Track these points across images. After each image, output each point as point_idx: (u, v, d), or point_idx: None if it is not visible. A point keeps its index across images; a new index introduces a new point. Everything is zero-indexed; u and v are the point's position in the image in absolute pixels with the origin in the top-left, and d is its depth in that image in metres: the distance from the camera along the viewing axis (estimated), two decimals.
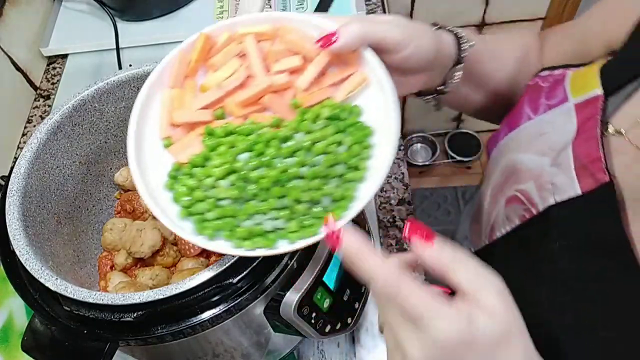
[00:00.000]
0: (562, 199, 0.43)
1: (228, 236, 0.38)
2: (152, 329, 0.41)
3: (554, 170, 0.45)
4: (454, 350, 0.32)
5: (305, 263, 0.45)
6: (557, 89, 0.48)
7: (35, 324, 0.43)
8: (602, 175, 0.40)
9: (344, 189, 0.39)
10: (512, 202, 0.49)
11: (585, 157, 0.42)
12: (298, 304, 0.44)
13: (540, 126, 0.48)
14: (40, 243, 0.46)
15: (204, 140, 0.41)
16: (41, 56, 0.98)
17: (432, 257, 0.33)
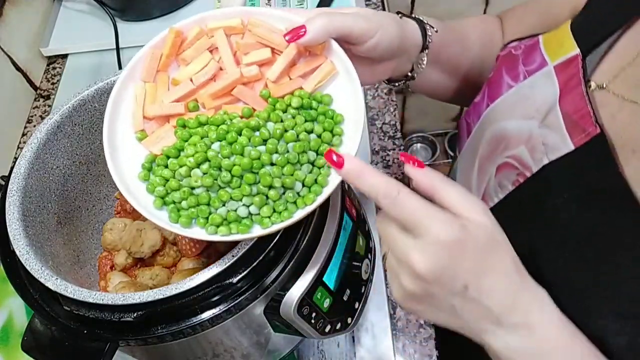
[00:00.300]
0: (556, 157, 0.45)
1: (203, 224, 0.39)
2: (152, 329, 0.41)
3: (543, 131, 0.47)
4: (451, 250, 0.34)
5: (305, 263, 0.45)
6: (533, 55, 0.50)
7: (35, 324, 0.43)
8: (593, 128, 0.42)
9: (314, 175, 0.40)
10: (503, 169, 0.51)
11: (574, 114, 0.44)
12: (298, 304, 0.44)
13: (522, 92, 0.50)
14: (40, 243, 0.46)
15: (177, 132, 0.43)
16: (41, 56, 0.98)
17: (424, 178, 0.36)
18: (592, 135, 0.42)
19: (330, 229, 0.47)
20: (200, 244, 0.53)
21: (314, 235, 0.46)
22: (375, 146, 0.81)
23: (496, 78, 0.54)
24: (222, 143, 0.41)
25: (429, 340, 0.65)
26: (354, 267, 0.51)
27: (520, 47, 0.52)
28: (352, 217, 0.51)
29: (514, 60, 0.52)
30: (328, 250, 0.46)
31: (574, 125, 0.44)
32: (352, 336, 0.65)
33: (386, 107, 0.86)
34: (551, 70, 0.47)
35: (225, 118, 0.42)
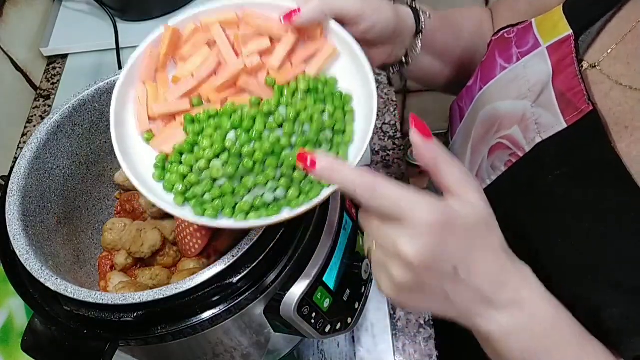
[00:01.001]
0: (549, 136, 0.45)
1: (230, 213, 0.39)
2: (152, 329, 0.41)
3: (536, 110, 0.47)
4: (438, 233, 0.34)
5: (305, 263, 0.45)
6: (526, 37, 0.51)
7: (35, 324, 0.43)
8: (586, 106, 0.43)
9: (335, 152, 0.40)
10: (496, 149, 0.51)
11: (567, 92, 0.45)
12: (298, 304, 0.44)
13: (516, 72, 0.51)
14: (40, 243, 0.46)
15: (187, 127, 0.42)
16: (41, 56, 0.98)
17: (428, 153, 0.36)
18: (585, 112, 0.43)
19: (330, 229, 0.47)
20: (200, 244, 0.53)
21: (314, 235, 0.46)
22: (375, 146, 0.81)
23: (489, 61, 0.54)
24: (238, 132, 0.40)
25: (429, 340, 0.65)
26: (354, 267, 0.51)
27: (513, 31, 0.53)
28: (352, 217, 0.51)
29: (507, 43, 0.53)
30: (328, 250, 0.46)
31: (567, 103, 0.45)
32: (352, 336, 0.65)
33: (386, 107, 0.86)
34: (544, 50, 0.48)
35: (236, 108, 0.42)
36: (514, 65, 0.51)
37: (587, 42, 0.47)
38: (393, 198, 0.34)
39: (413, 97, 1.63)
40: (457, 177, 0.36)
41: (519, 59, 0.50)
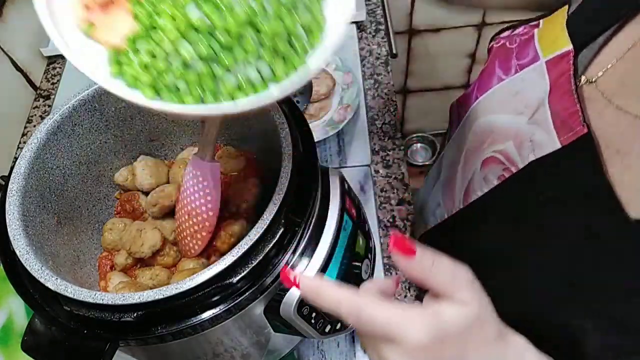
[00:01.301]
0: (542, 155, 0.44)
1: (213, 100, 0.34)
2: (152, 329, 0.41)
3: (532, 127, 0.46)
4: (432, 349, 0.33)
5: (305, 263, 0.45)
6: (527, 48, 0.49)
7: (35, 324, 0.43)
8: (581, 128, 0.42)
9: (313, 14, 0.36)
10: (489, 163, 0.50)
11: (562, 112, 0.44)
12: (298, 304, 0.44)
13: (513, 86, 0.49)
14: (40, 243, 0.46)
15: (136, 9, 0.35)
16: (41, 56, 0.98)
17: (414, 270, 0.35)
18: (579, 134, 0.42)
19: (330, 229, 0.47)
20: (200, 245, 0.53)
21: (314, 235, 0.46)
22: (375, 146, 0.81)
23: (488, 70, 0.53)
24: (202, 4, 0.34)
25: None
26: (354, 267, 0.51)
27: (515, 40, 0.52)
28: (352, 217, 0.51)
29: (507, 53, 0.52)
30: (328, 251, 0.46)
31: (562, 122, 0.44)
32: (352, 336, 0.65)
33: (386, 107, 0.86)
34: (543, 65, 0.47)
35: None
36: (511, 78, 0.50)
37: (589, 57, 0.45)
38: (381, 320, 0.33)
39: (413, 97, 1.63)
40: (445, 278, 0.35)
41: (517, 71, 0.50)
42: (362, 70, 0.89)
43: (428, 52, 1.46)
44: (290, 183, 0.44)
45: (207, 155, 0.50)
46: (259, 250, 0.42)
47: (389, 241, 0.35)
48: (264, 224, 0.41)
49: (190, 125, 0.60)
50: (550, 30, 0.48)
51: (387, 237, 0.73)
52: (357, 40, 0.93)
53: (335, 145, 0.81)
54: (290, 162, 0.45)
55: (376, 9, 0.98)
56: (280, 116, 0.48)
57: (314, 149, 0.48)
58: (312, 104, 0.82)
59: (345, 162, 0.79)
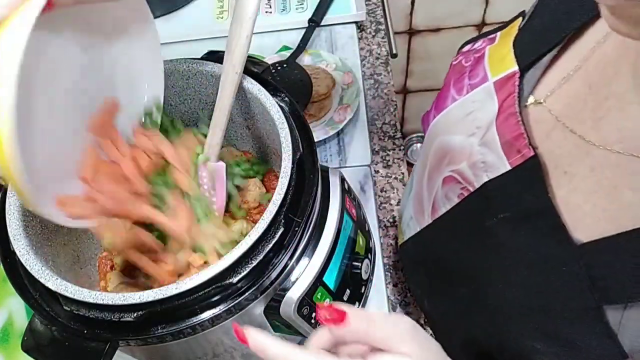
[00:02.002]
0: (495, 176, 0.45)
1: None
2: (152, 329, 0.41)
3: (483, 149, 0.46)
4: None
5: (305, 263, 0.45)
6: (478, 68, 0.50)
7: (35, 324, 0.43)
8: (527, 151, 0.42)
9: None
10: (448, 182, 0.51)
11: (508, 134, 0.44)
12: (298, 304, 0.44)
13: (465, 107, 0.50)
14: (40, 243, 0.46)
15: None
16: None
17: (349, 335, 0.35)
18: (526, 157, 0.42)
19: (330, 229, 0.47)
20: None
21: (314, 235, 0.46)
22: (375, 146, 0.81)
23: (445, 89, 0.54)
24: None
25: None
26: (354, 267, 0.51)
27: (469, 57, 0.52)
28: (352, 217, 0.51)
29: (461, 73, 0.52)
30: (328, 250, 0.46)
31: (510, 145, 0.44)
32: None
33: (386, 107, 0.86)
34: (491, 86, 0.47)
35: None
36: (464, 98, 0.50)
37: (537, 77, 0.45)
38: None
39: (413, 97, 1.63)
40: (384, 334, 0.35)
41: (469, 91, 0.50)
42: (362, 70, 0.89)
43: (428, 52, 1.46)
44: (290, 183, 0.44)
45: (212, 157, 0.51)
46: (259, 250, 0.42)
47: (317, 315, 0.36)
48: (264, 224, 0.41)
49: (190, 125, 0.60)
50: (500, 48, 0.49)
51: (387, 237, 0.73)
52: (357, 40, 0.93)
53: (335, 145, 0.81)
54: (290, 162, 0.45)
55: (376, 9, 0.98)
56: (280, 116, 0.48)
57: (314, 149, 0.48)
58: (312, 104, 0.82)
59: (345, 162, 0.79)
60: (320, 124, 0.81)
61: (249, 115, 0.55)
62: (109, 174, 0.46)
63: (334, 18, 0.93)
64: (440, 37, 1.42)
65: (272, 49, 0.91)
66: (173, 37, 0.95)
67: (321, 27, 0.93)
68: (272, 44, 0.92)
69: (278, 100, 0.50)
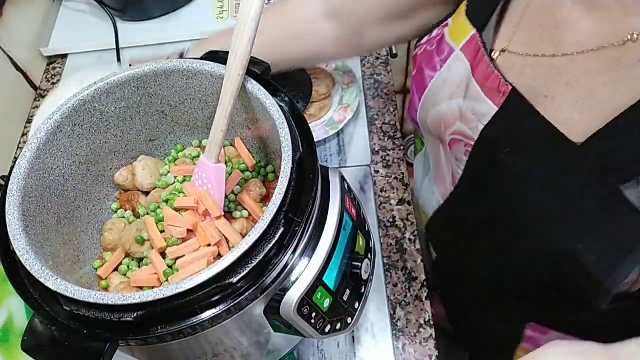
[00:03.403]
0: (488, 120, 0.50)
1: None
2: (152, 329, 0.41)
3: (469, 103, 0.52)
4: None
5: (305, 263, 0.45)
6: (442, 46, 0.57)
7: (35, 324, 0.43)
8: (506, 88, 0.48)
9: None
10: (453, 144, 0.56)
11: (486, 81, 0.50)
12: (298, 304, 0.44)
13: (442, 77, 0.56)
14: (40, 243, 0.46)
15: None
16: (41, 56, 0.98)
17: None
18: (507, 93, 0.48)
19: (330, 229, 0.47)
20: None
21: (314, 235, 0.46)
22: (375, 146, 0.81)
23: (419, 74, 0.60)
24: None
25: (429, 340, 0.65)
26: (354, 267, 0.51)
27: (432, 43, 0.59)
28: (352, 217, 0.51)
29: (430, 55, 0.58)
30: (328, 250, 0.46)
31: (490, 90, 0.50)
32: (352, 336, 0.65)
33: (386, 107, 0.86)
34: (459, 53, 0.54)
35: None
36: (438, 73, 0.56)
37: (492, 33, 0.52)
38: None
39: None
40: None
41: (442, 66, 0.56)
42: (362, 70, 0.89)
43: None
44: (290, 183, 0.44)
45: (212, 158, 0.51)
46: (259, 250, 0.42)
47: None
48: (264, 224, 0.41)
49: (190, 125, 0.60)
50: (456, 23, 0.56)
51: (387, 237, 0.73)
52: None
53: (335, 145, 0.81)
54: (290, 162, 0.45)
55: None
56: (280, 116, 0.48)
57: (314, 149, 0.48)
58: (312, 104, 0.82)
59: (345, 162, 0.79)
60: (320, 124, 0.81)
61: (249, 115, 0.55)
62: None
63: None
64: None
65: None
66: (173, 37, 0.95)
67: None
68: None
69: (278, 100, 0.50)
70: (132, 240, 0.53)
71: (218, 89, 0.54)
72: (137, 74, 0.53)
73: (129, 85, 0.54)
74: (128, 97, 0.55)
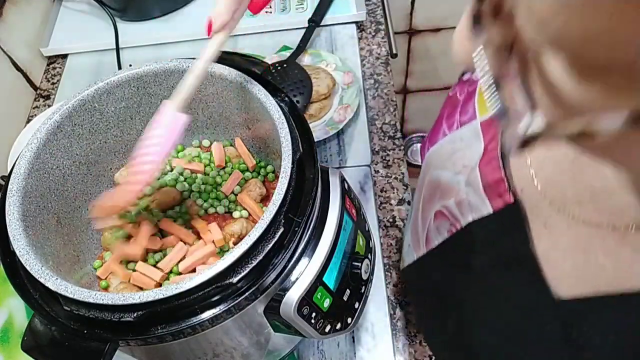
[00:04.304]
0: (479, 217, 0.43)
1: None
2: (152, 329, 0.41)
3: (468, 189, 0.45)
4: None
5: (305, 263, 0.45)
6: (468, 104, 0.48)
7: (35, 324, 0.43)
8: (508, 196, 0.41)
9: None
10: (439, 217, 0.50)
11: (490, 177, 0.43)
12: (298, 304, 0.44)
13: (454, 143, 0.49)
14: (40, 243, 0.46)
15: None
16: (41, 56, 0.98)
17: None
18: (507, 202, 0.41)
19: (330, 229, 0.47)
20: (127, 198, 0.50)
21: (314, 235, 0.46)
22: (375, 146, 0.81)
23: (438, 122, 0.54)
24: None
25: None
26: (353, 267, 0.51)
27: (464, 91, 0.51)
28: (352, 217, 0.51)
29: (454, 106, 0.51)
30: (328, 250, 0.46)
31: (491, 189, 0.43)
32: (352, 336, 0.65)
33: (386, 107, 0.86)
34: (478, 126, 0.46)
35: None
36: (453, 134, 0.49)
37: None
38: None
39: (413, 97, 1.63)
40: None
41: (458, 127, 0.48)
42: (362, 70, 0.89)
43: (428, 52, 1.46)
44: (290, 183, 0.44)
45: (174, 104, 0.46)
46: (259, 250, 0.42)
47: None
48: (264, 224, 0.41)
49: (190, 125, 0.60)
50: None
51: (387, 237, 0.73)
52: (357, 40, 0.93)
53: (335, 145, 0.81)
54: (290, 162, 0.45)
55: (376, 9, 0.98)
56: (280, 116, 0.48)
57: (314, 149, 0.48)
58: (312, 104, 0.82)
59: (345, 162, 0.79)
60: (320, 124, 0.81)
61: (249, 115, 0.55)
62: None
63: (334, 18, 0.93)
64: (440, 37, 1.42)
65: (272, 49, 0.91)
66: (173, 37, 0.95)
67: (321, 27, 0.93)
68: (272, 44, 0.92)
69: (278, 100, 0.50)
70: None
71: (218, 89, 0.54)
72: (137, 74, 0.53)
73: (129, 85, 0.54)
74: (128, 97, 0.55)
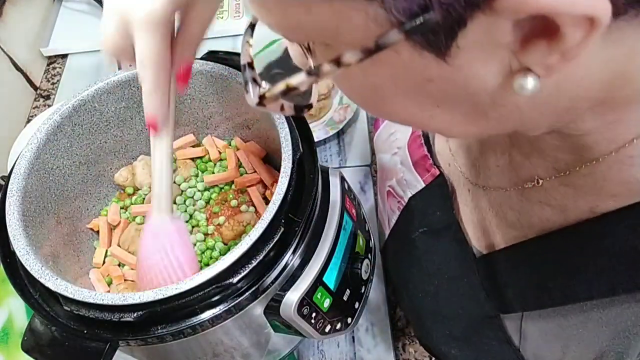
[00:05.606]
0: (415, 192, 0.48)
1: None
2: (152, 329, 0.41)
3: (402, 167, 0.50)
4: None
5: (305, 263, 0.45)
6: None
7: (35, 324, 0.43)
8: (434, 170, 0.45)
9: None
10: (389, 196, 0.54)
11: (416, 155, 0.47)
12: (298, 304, 0.44)
13: (388, 127, 0.53)
14: (40, 243, 0.46)
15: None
16: (41, 56, 0.98)
17: None
18: (434, 175, 0.45)
19: (330, 229, 0.47)
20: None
21: (314, 235, 0.46)
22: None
23: None
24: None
25: None
26: (353, 267, 0.51)
27: None
28: (352, 217, 0.51)
29: None
30: (328, 250, 0.46)
31: (419, 165, 0.47)
32: (352, 336, 0.65)
33: None
34: None
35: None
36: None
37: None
38: None
39: None
40: None
41: None
42: None
43: None
44: (290, 183, 0.44)
45: (163, 211, 0.43)
46: (259, 250, 0.42)
47: None
48: (264, 224, 0.41)
49: (190, 125, 0.60)
50: None
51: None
52: None
53: (335, 145, 0.81)
54: (290, 162, 0.45)
55: None
56: (280, 116, 0.48)
57: (314, 149, 0.48)
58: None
59: (345, 162, 0.79)
60: (320, 124, 0.81)
61: (249, 115, 0.55)
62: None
63: None
64: None
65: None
66: None
67: None
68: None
69: None
70: (131, 240, 0.53)
71: (218, 89, 0.54)
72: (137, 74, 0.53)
73: (129, 85, 0.54)
74: (128, 97, 0.55)
